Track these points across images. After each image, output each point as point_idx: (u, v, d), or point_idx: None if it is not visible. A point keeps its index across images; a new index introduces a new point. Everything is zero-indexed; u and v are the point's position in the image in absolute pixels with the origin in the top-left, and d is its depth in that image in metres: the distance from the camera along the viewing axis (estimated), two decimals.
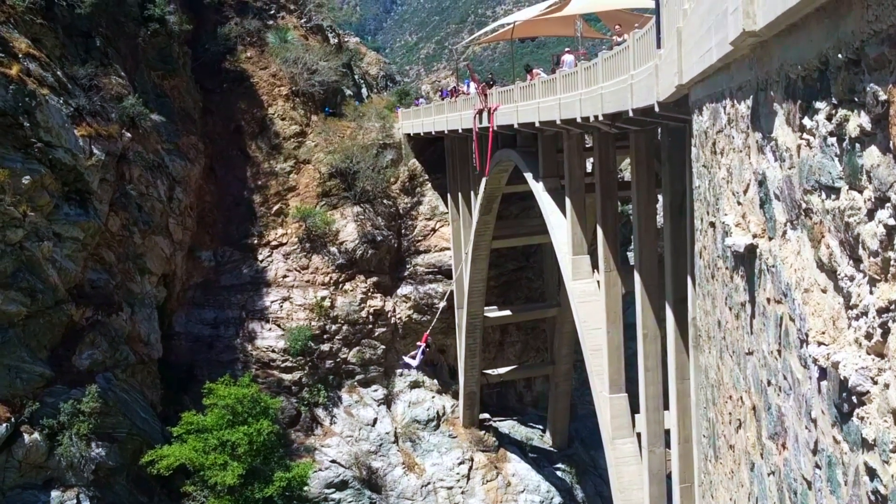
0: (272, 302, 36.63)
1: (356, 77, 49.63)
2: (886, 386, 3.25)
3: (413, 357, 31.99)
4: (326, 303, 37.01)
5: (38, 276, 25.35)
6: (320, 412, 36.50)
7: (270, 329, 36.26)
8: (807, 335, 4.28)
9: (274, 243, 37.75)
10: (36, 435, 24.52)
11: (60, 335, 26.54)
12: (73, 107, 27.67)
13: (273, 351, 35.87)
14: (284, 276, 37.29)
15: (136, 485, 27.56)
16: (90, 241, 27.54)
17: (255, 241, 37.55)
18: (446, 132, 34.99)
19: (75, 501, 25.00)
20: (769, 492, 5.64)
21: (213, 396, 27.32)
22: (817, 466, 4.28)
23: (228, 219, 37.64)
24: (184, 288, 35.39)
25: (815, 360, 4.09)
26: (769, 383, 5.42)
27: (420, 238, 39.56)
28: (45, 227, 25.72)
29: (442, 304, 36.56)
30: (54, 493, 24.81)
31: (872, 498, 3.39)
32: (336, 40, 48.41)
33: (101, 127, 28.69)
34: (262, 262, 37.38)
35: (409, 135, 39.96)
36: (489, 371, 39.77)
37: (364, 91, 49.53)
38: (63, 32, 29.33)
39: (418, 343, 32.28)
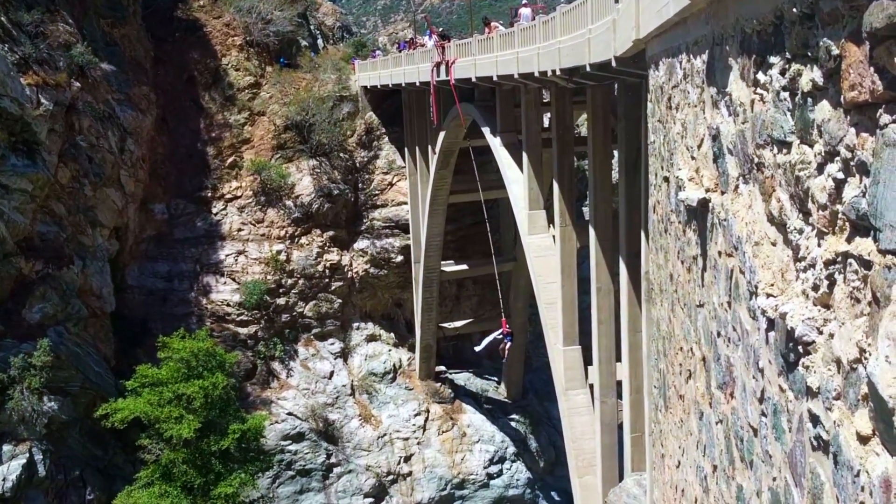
0: (227, 255, 36.29)
1: (312, 28, 48.73)
2: (831, 336, 3.33)
3: (485, 342, 29.95)
4: (282, 257, 36.77)
5: None
6: (276, 365, 36.47)
7: (225, 283, 35.96)
8: (756, 287, 4.36)
9: (228, 196, 37.27)
10: None
11: (9, 289, 26.02)
12: (18, 54, 26.76)
13: (228, 305, 35.63)
14: (239, 230, 36.90)
15: (90, 438, 27.37)
16: (39, 193, 26.88)
17: (209, 194, 37.03)
18: (404, 85, 34.64)
19: (28, 455, 24.77)
20: (717, 439, 5.78)
21: (168, 350, 27.07)
22: (763, 414, 4.40)
23: (181, 171, 37.00)
24: (136, 241, 34.85)
25: (763, 312, 4.18)
26: (719, 334, 5.53)
27: (377, 192, 39.36)
28: None
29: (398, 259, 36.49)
30: (6, 447, 24.54)
31: (815, 443, 3.49)
32: None
33: (49, 76, 27.83)
34: (216, 215, 36.92)
35: (366, 87, 39.49)
36: (445, 324, 40.03)
37: (320, 42, 48.70)
38: None
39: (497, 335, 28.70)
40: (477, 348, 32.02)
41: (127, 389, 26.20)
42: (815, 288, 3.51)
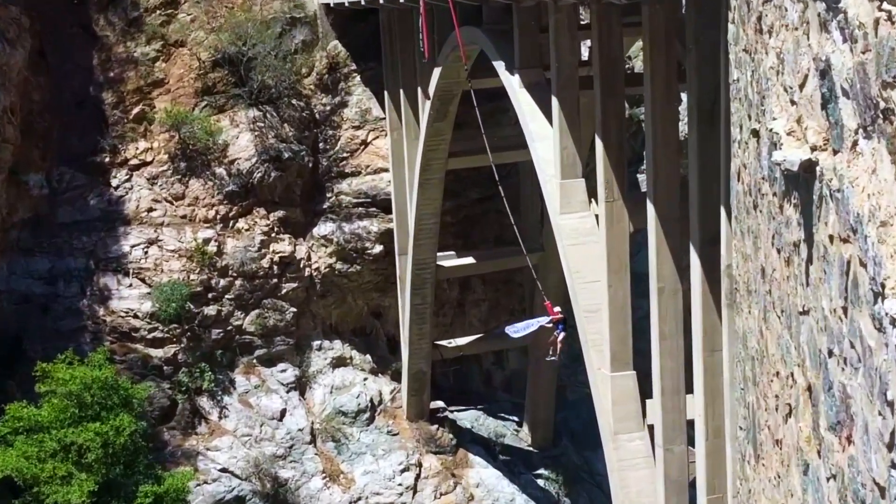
0: (133, 246, 36.26)
1: None
2: None
3: (523, 328, 28.41)
4: (211, 247, 36.75)
5: None
6: (204, 402, 36.49)
7: (131, 285, 35.96)
8: (883, 286, 4.36)
9: (134, 162, 37.23)
10: None
11: None
12: None
13: (135, 316, 35.63)
14: (150, 210, 36.89)
15: None
16: None
17: (107, 160, 36.98)
18: (382, 1, 34.59)
19: None
20: (828, 502, 5.80)
21: (51, 381, 27.14)
22: (893, 466, 4.40)
23: (67, 127, 36.95)
24: (4, 227, 34.87)
25: (893, 321, 4.18)
26: (830, 354, 5.53)
27: (346, 155, 39.33)
28: None
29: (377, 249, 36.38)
30: None
31: None
32: None
33: None
34: (117, 189, 36.87)
35: (328, 6, 39.44)
36: (444, 342, 40.02)
37: None
38: None
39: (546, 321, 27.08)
40: (509, 329, 30.72)
41: None
42: None
